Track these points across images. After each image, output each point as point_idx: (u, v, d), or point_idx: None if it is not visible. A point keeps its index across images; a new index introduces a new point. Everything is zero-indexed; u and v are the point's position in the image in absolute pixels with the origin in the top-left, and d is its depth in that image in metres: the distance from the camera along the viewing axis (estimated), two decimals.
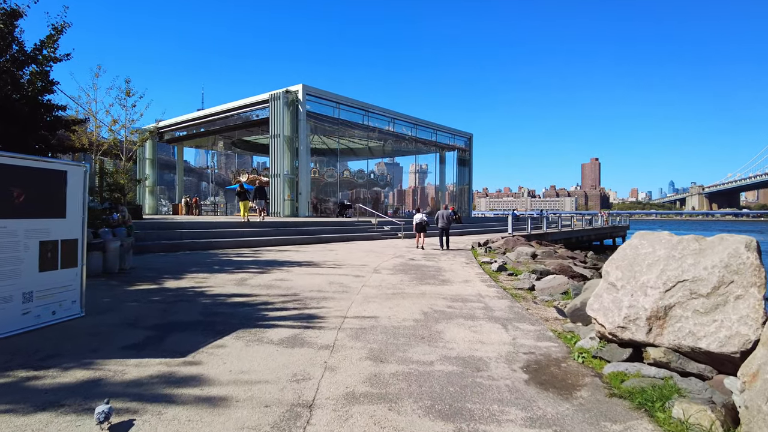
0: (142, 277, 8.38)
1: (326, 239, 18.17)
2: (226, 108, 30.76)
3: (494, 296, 7.33)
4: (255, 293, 7.00)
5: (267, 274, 8.98)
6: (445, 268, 10.80)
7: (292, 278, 8.57)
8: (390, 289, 7.70)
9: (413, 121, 35.48)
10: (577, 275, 9.75)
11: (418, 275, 9.42)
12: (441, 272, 9.99)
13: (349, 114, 30.24)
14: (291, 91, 26.41)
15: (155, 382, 3.36)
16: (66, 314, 5.05)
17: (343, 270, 9.93)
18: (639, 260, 3.98)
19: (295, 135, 26.45)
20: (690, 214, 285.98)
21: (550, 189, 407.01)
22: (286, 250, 14.26)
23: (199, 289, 7.32)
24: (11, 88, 9.09)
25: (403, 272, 9.84)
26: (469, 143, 42.11)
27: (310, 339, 4.58)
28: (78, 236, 5.18)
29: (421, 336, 4.82)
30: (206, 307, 6.01)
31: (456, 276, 9.49)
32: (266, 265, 10.36)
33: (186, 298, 6.53)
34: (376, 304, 6.43)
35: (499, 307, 6.46)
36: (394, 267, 10.69)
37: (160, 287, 7.42)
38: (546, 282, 8.89)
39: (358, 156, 43.98)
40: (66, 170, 4.99)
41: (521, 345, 4.62)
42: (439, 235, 16.48)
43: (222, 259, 11.45)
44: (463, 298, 7.07)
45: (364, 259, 12.14)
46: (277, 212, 26.06)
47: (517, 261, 12.61)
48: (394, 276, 9.23)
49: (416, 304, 6.49)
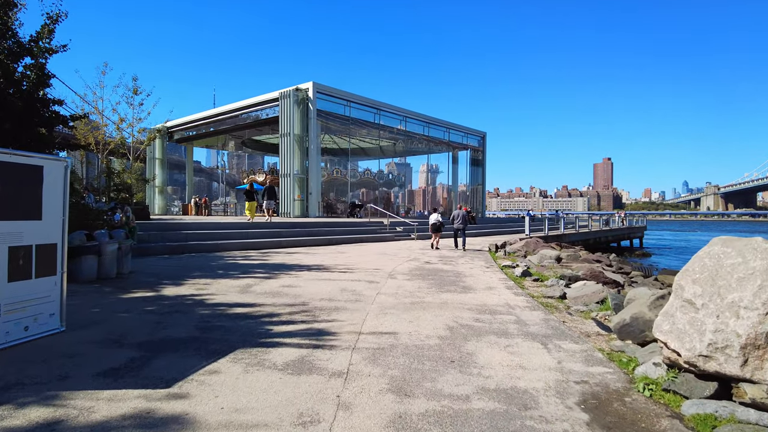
0: (140, 283, 7.77)
1: (337, 241, 17.51)
2: (235, 107, 30.29)
3: (524, 306, 6.59)
4: (259, 302, 6.33)
5: (274, 280, 8.32)
6: (465, 272, 10.07)
7: (300, 284, 7.90)
8: (408, 297, 6.99)
9: (425, 119, 34.72)
10: (609, 281, 8.96)
11: (436, 281, 8.70)
12: (461, 278, 9.25)
13: (360, 112, 29.57)
14: (301, 89, 25.81)
15: (128, 426, 2.69)
16: (42, 330, 4.42)
17: (356, 275, 9.24)
18: (724, 273, 3.22)
19: (305, 134, 25.85)
20: (705, 214, 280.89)
21: (562, 189, 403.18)
22: (295, 253, 13.62)
23: (199, 297, 6.67)
24: (3, 81, 8.54)
25: (420, 278, 9.13)
26: (482, 142, 41.21)
27: (320, 362, 3.90)
28: (57, 240, 4.55)
29: (450, 359, 4.11)
30: (204, 319, 5.35)
31: (478, 282, 8.75)
32: (273, 270, 9.71)
33: (183, 308, 5.89)
34: (393, 316, 5.72)
35: (532, 321, 5.72)
36: (410, 271, 9.98)
37: (157, 295, 6.80)
38: (577, 289, 8.12)
39: (369, 156, 43.32)
40: (42, 165, 4.36)
41: (570, 371, 3.88)
42: (454, 235, 16.45)
43: (227, 263, 10.84)
44: (491, 308, 6.34)
45: (377, 263, 11.45)
46: (287, 213, 25.49)
47: (541, 265, 11.82)
48: (411, 282, 8.52)
49: (439, 316, 5.78)
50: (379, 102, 30.65)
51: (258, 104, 28.73)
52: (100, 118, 19.98)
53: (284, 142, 25.71)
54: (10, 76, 8.73)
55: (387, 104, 31.29)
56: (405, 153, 43.22)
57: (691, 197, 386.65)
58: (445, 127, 36.89)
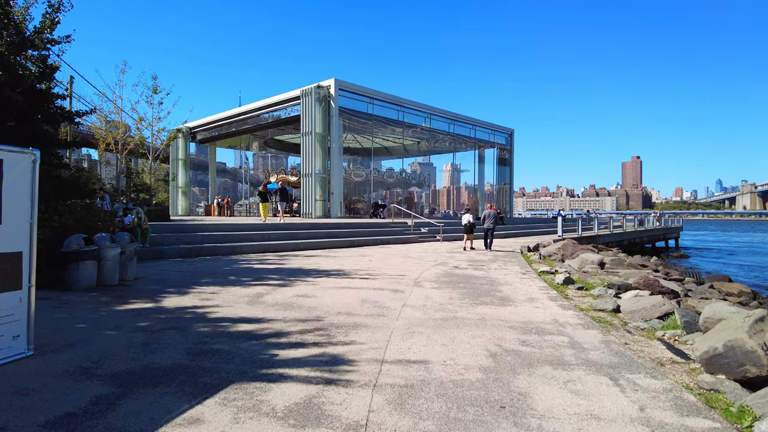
0: (142, 292, 7.08)
1: (359, 243, 16.70)
2: (257, 106, 29.86)
3: (576, 324, 5.60)
4: (268, 317, 5.53)
5: (288, 288, 7.52)
6: (500, 279, 9.08)
7: (316, 294, 7.07)
8: (438, 311, 6.08)
9: (451, 116, 33.62)
10: (666, 291, 7.84)
11: (469, 290, 7.75)
12: (496, 286, 8.28)
13: (384, 109, 28.70)
14: (323, 86, 25.13)
15: None
16: (2, 356, 3.69)
17: (378, 282, 8.37)
18: None
19: (326, 132, 25.16)
20: (741, 213, 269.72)
21: (589, 188, 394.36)
22: (315, 256, 12.85)
23: (201, 309, 5.92)
24: (3, 75, 8.01)
25: (450, 285, 8.19)
26: (509, 140, 39.81)
27: (332, 407, 3.03)
28: (22, 248, 3.82)
29: (499, 403, 3.19)
30: (201, 339, 4.57)
31: (516, 292, 7.76)
32: (289, 276, 8.93)
33: (181, 324, 5.13)
34: (422, 336, 4.83)
35: (590, 343, 4.74)
36: (437, 278, 9.06)
37: (155, 306, 6.08)
38: (632, 301, 7.05)
39: (393, 155, 42.45)
40: (2, 159, 3.63)
41: (661, 424, 2.91)
42: (485, 236, 16.27)
43: (241, 267, 10.13)
44: (537, 327, 5.37)
45: (401, 268, 10.56)
46: (308, 213, 24.84)
47: (583, 271, 10.71)
48: (440, 291, 7.59)
49: (477, 337, 4.85)
50: (403, 99, 29.73)
51: (279, 103, 28.19)
52: (118, 117, 19.69)
53: (306, 141, 25.08)
54: (10, 69, 8.20)
55: (411, 101, 30.35)
56: (429, 152, 42.15)
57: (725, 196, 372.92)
58: (471, 124, 35.69)
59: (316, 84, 24.99)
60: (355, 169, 33.84)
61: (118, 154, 20.06)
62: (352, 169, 34.40)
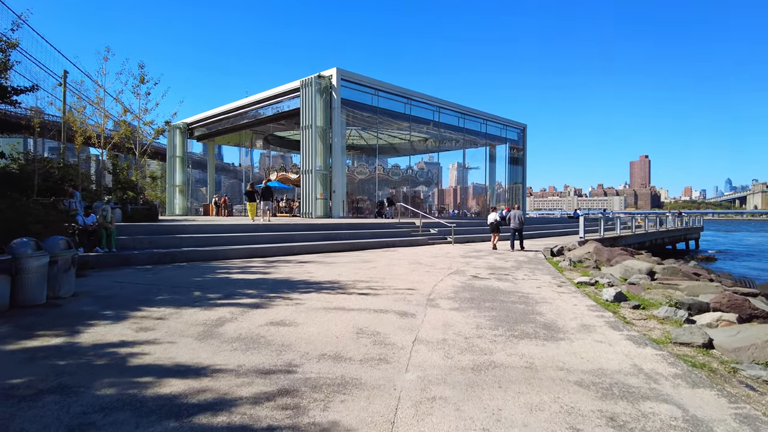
0: (67, 317, 5.33)
1: (361, 245, 14.89)
2: (255, 99, 28.11)
3: (670, 374, 3.76)
4: (216, 366, 3.74)
5: (261, 311, 5.73)
6: (534, 294, 7.23)
7: (297, 320, 5.28)
8: (465, 351, 4.26)
9: (461, 110, 31.71)
10: (760, 314, 6.00)
11: (500, 312, 5.92)
12: (533, 305, 6.43)
13: (389, 102, 26.87)
14: (324, 76, 23.36)
15: None
16: None
17: (381, 300, 6.56)
18: None
19: (328, 125, 23.39)
20: (752, 213, 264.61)
21: (597, 188, 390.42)
22: (309, 262, 11.07)
23: (126, 349, 4.14)
24: None
25: (474, 305, 6.37)
26: (522, 135, 37.83)
27: None
28: None
29: None
30: (85, 415, 2.79)
31: (561, 314, 5.92)
32: (270, 291, 7.14)
33: (74, 381, 3.35)
34: (448, 408, 3.01)
35: (720, 423, 2.91)
36: (456, 293, 7.23)
37: (65, 343, 4.31)
38: (726, 333, 5.20)
39: (400, 153, 40.53)
40: None
41: None
42: (511, 236, 15.91)
43: (216, 278, 8.37)
44: (619, 383, 3.53)
45: (410, 277, 8.76)
46: (308, 213, 23.08)
47: (630, 282, 8.84)
48: (463, 315, 5.77)
49: (536, 410, 3.02)
50: (410, 91, 27.87)
51: (279, 95, 26.42)
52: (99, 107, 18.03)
53: (306, 135, 23.32)
54: None
55: (418, 93, 28.48)
56: (438, 149, 40.29)
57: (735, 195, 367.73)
58: (482, 119, 33.76)
59: (316, 74, 23.23)
60: (359, 167, 32.03)
61: (101, 148, 18.39)
62: (356, 166, 32.60)
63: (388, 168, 34.49)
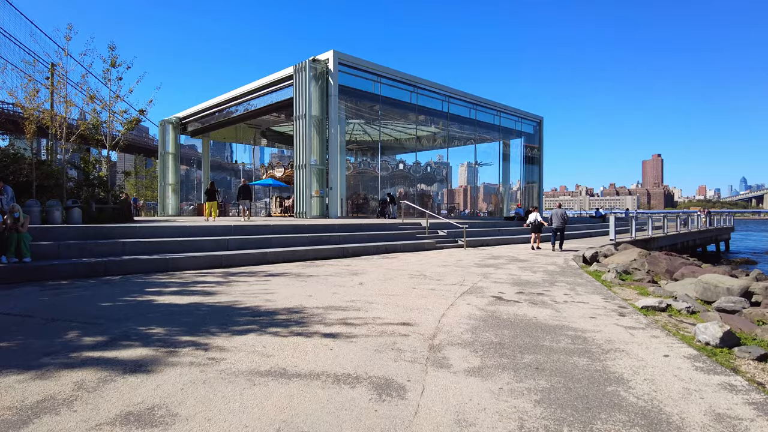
0: None
1: (353, 251, 12.40)
2: (246, 90, 25.64)
3: None
4: None
5: (135, 382, 3.25)
6: (592, 333, 4.66)
7: (181, 410, 2.79)
8: None
9: (472, 99, 29.03)
10: None
11: (553, 380, 3.36)
12: (601, 359, 3.86)
13: (393, 90, 24.30)
14: (319, 60, 20.90)
15: None
16: None
17: (354, 349, 4.05)
18: None
19: (324, 115, 20.93)
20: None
21: (609, 187, 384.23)
22: (280, 274, 8.62)
23: None
24: None
25: (506, 360, 3.83)
26: (538, 129, 35.03)
27: None
28: None
29: None
30: None
31: (657, 381, 3.36)
32: (188, 329, 4.66)
33: None
34: None
35: None
36: (474, 331, 4.70)
37: None
38: None
39: (406, 149, 37.86)
40: None
41: None
42: (552, 236, 15.76)
43: (132, 302, 5.92)
44: None
45: (408, 301, 6.25)
46: (302, 212, 20.60)
47: (717, 308, 6.24)
48: (489, 387, 3.23)
49: None
50: (416, 77, 25.24)
51: (271, 84, 23.92)
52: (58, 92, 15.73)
53: (299, 126, 20.87)
54: None
55: (425, 80, 25.82)
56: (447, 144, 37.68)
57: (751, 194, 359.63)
58: (496, 110, 31.04)
59: (311, 58, 20.78)
60: (361, 162, 29.50)
61: (62, 139, 16.08)
62: (358, 162, 30.12)
63: (393, 164, 31.94)
